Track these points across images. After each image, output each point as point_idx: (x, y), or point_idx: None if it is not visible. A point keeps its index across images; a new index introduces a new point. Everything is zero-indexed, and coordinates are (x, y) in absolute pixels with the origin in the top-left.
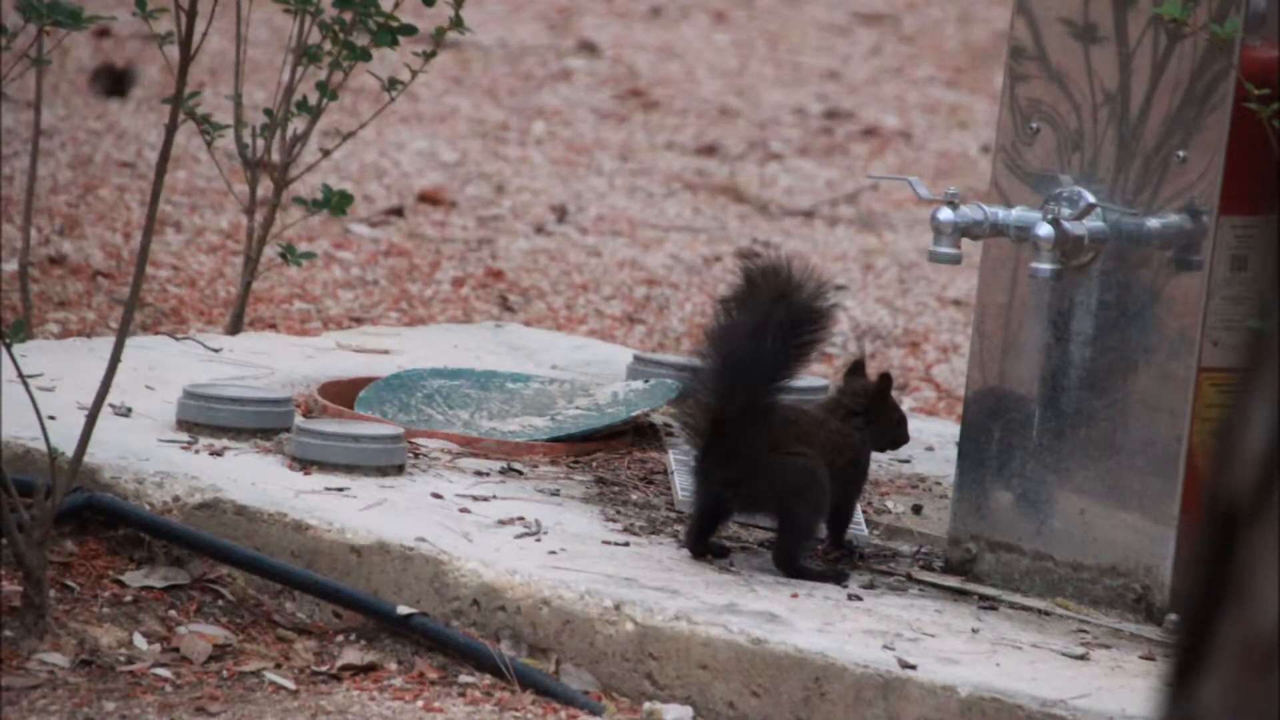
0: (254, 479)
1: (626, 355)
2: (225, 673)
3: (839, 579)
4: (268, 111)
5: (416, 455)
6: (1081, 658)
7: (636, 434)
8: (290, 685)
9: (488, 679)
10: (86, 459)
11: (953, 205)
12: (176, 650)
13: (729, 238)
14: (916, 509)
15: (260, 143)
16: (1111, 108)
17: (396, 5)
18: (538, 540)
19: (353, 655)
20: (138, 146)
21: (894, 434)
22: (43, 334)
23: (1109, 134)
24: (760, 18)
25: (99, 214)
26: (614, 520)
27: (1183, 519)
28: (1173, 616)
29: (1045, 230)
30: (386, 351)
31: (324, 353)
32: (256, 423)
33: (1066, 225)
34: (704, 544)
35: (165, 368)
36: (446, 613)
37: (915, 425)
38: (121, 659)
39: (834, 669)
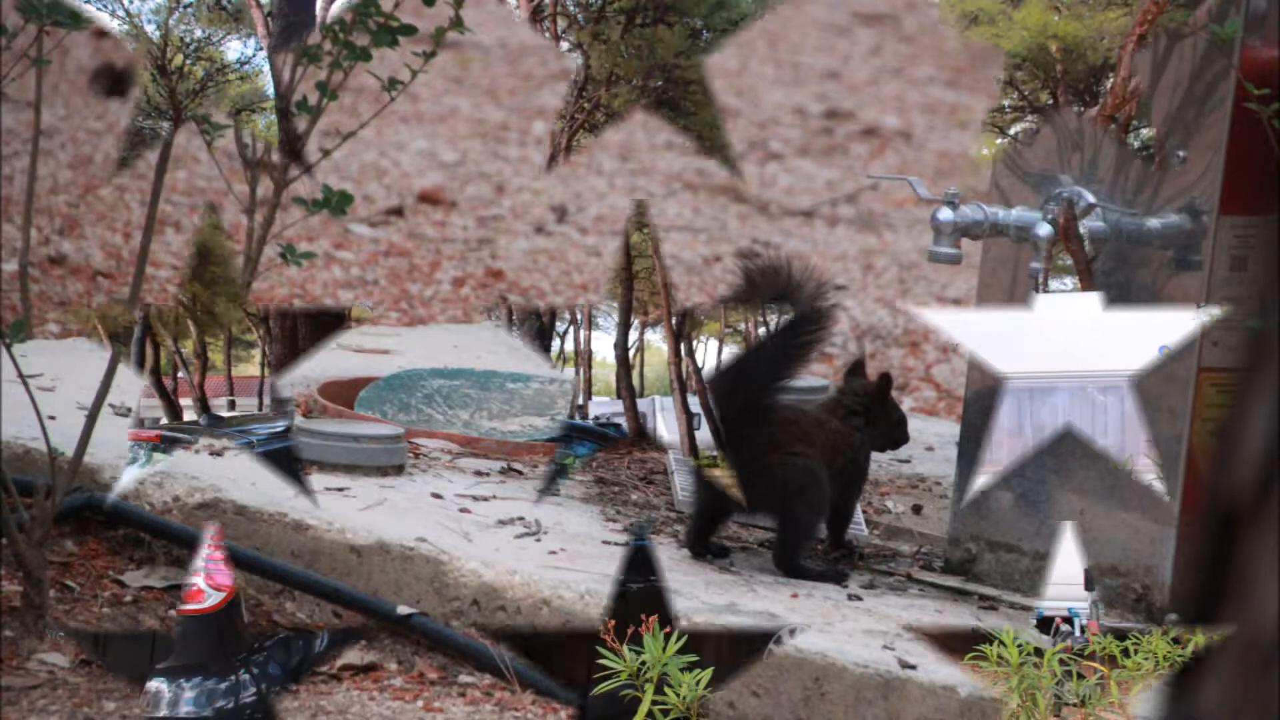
0: (254, 479)
1: None
2: None
3: (839, 579)
4: None
5: (416, 455)
6: None
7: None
8: (290, 685)
9: (488, 679)
10: (86, 459)
11: (953, 205)
12: None
13: (729, 238)
14: (916, 509)
15: (260, 143)
16: None
17: (396, 5)
18: (538, 540)
19: (353, 655)
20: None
21: (894, 434)
22: (43, 334)
23: (1109, 134)
24: (760, 17)
25: (99, 214)
26: (614, 520)
27: (1183, 519)
28: (1173, 616)
29: (1045, 230)
30: (386, 351)
31: (324, 353)
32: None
33: None
34: (704, 544)
35: None
36: (446, 613)
37: (915, 425)
38: None
39: (834, 669)
